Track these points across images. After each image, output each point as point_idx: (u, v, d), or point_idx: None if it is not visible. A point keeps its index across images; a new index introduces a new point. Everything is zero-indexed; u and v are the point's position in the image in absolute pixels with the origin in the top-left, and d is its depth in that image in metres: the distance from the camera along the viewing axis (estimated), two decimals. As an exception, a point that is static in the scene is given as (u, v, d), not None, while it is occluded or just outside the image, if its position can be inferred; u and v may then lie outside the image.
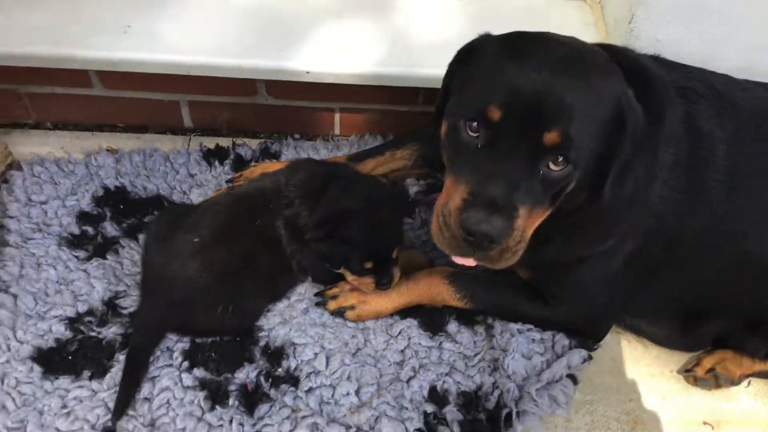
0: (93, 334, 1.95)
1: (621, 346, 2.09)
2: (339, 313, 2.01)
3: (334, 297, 2.03)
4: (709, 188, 1.76)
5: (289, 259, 1.98)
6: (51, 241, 2.13)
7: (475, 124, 1.44)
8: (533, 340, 1.93)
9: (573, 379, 1.87)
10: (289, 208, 1.94)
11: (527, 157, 1.42)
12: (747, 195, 1.76)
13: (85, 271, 2.08)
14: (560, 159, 1.43)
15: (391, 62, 2.21)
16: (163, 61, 2.18)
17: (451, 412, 1.83)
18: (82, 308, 1.99)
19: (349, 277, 1.98)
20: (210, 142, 2.47)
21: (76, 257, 2.11)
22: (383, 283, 1.95)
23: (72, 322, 1.95)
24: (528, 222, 1.48)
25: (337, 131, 2.56)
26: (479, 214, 1.42)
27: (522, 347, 1.89)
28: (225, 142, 2.49)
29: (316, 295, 2.07)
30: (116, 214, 2.24)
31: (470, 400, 1.88)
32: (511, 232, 1.44)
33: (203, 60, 2.18)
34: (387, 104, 2.45)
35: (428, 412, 1.84)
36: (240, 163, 2.41)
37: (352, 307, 2.00)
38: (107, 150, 2.43)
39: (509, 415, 1.80)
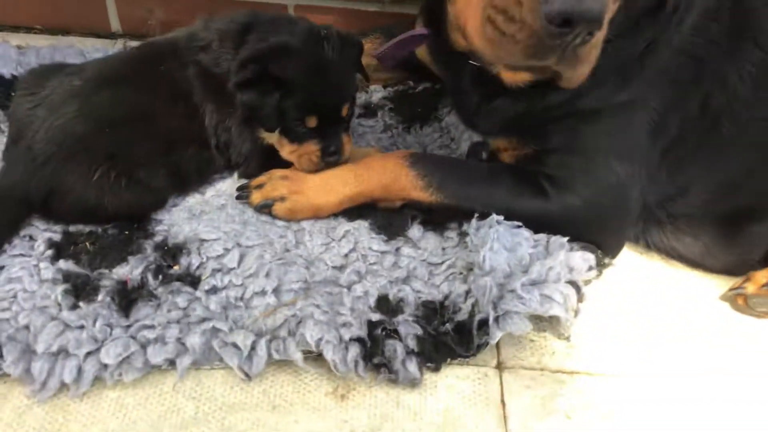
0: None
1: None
2: (265, 206, 1.52)
3: (260, 186, 1.55)
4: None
5: (209, 138, 1.52)
6: None
7: None
8: (518, 232, 1.42)
9: (574, 287, 1.35)
10: (204, 52, 1.49)
11: None
12: None
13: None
14: None
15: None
16: None
17: (406, 324, 1.31)
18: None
19: (286, 148, 1.53)
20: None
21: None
22: (331, 152, 1.51)
23: None
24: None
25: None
26: None
27: (503, 238, 1.38)
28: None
29: (238, 189, 1.58)
30: (3, 100, 1.79)
31: (433, 311, 1.36)
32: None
33: None
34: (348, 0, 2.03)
35: (374, 321, 1.31)
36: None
37: (282, 199, 1.52)
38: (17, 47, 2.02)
39: (484, 321, 1.28)
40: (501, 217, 1.41)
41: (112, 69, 1.53)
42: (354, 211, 1.55)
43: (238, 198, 1.56)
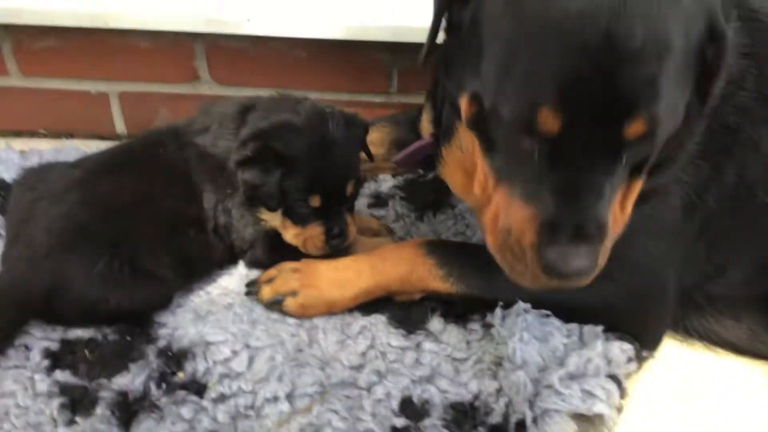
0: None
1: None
2: (276, 302, 1.43)
3: (270, 281, 1.46)
4: None
5: (207, 221, 1.46)
6: None
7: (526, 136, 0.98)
8: (548, 321, 1.32)
9: (616, 381, 1.24)
10: (203, 134, 1.47)
11: (606, 162, 0.97)
12: None
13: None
14: (646, 142, 0.98)
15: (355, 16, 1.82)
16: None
17: (434, 429, 1.19)
18: None
19: (290, 231, 1.47)
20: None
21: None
22: (335, 235, 1.45)
23: None
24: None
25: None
26: (567, 251, 1.00)
27: (533, 328, 1.28)
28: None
29: (247, 285, 1.50)
30: (4, 204, 1.73)
31: (463, 414, 1.24)
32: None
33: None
34: (354, 92, 2.03)
35: (398, 427, 1.20)
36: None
37: (294, 294, 1.42)
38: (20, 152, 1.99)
39: (521, 423, 1.16)
40: (528, 305, 1.32)
41: (112, 157, 1.51)
42: (369, 304, 1.46)
43: (247, 294, 1.47)
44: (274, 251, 1.50)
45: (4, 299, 1.32)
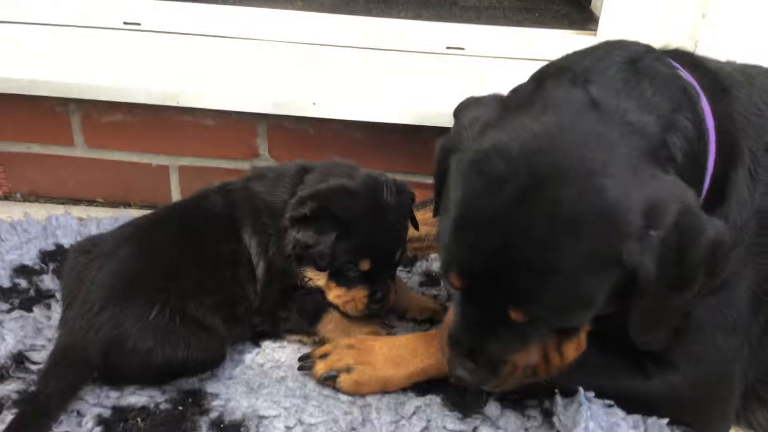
0: (-10, 388, 1.38)
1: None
2: (329, 378, 1.41)
3: (325, 356, 1.44)
4: None
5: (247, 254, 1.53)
6: (-28, 290, 1.67)
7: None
8: (613, 411, 1.27)
9: (681, 478, 1.18)
10: (258, 181, 1.57)
11: (505, 322, 1.12)
12: None
13: (-1, 322, 1.57)
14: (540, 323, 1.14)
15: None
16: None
17: None
18: (-17, 359, 1.44)
19: (333, 292, 1.50)
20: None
21: (-4, 308, 1.62)
22: (377, 299, 1.48)
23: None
24: (549, 353, 1.20)
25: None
26: (453, 361, 1.22)
27: (598, 417, 1.24)
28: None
29: (300, 359, 1.48)
30: (59, 269, 1.77)
31: (524, 505, 1.19)
32: (500, 378, 1.21)
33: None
34: (408, 172, 2.07)
35: None
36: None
37: (348, 370, 1.40)
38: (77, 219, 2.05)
39: None
40: (591, 394, 1.28)
41: (163, 212, 1.58)
42: (423, 384, 1.43)
43: (300, 369, 1.46)
44: (283, 308, 1.54)
45: (62, 360, 1.32)
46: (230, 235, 1.51)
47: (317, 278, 1.51)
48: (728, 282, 1.26)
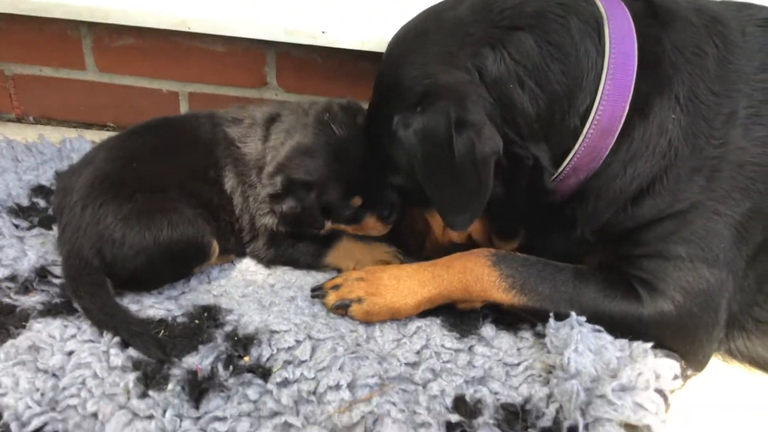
0: (7, 300, 1.47)
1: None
2: (341, 307, 1.49)
3: (336, 287, 1.52)
4: None
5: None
6: (-11, 209, 1.74)
7: None
8: (602, 335, 1.37)
9: (662, 396, 1.28)
10: (235, 125, 1.66)
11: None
12: None
13: (20, 239, 1.66)
14: None
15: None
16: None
17: (486, 428, 1.24)
18: (2, 273, 1.54)
19: (349, 230, 1.61)
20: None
21: (16, 226, 1.72)
22: (387, 216, 1.58)
23: (-17, 286, 1.49)
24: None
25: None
26: None
27: (588, 340, 1.33)
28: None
29: (313, 290, 1.57)
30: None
31: (514, 415, 1.29)
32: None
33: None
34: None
35: (452, 422, 1.25)
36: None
37: (359, 300, 1.47)
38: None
39: (573, 429, 1.21)
40: (582, 318, 1.37)
41: (145, 123, 1.66)
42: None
43: (313, 297, 1.54)
44: (275, 247, 1.63)
45: (68, 273, 1.44)
46: (212, 167, 1.60)
47: (326, 229, 1.61)
48: (714, 213, 1.34)
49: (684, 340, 1.38)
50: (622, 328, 1.36)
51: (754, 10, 1.44)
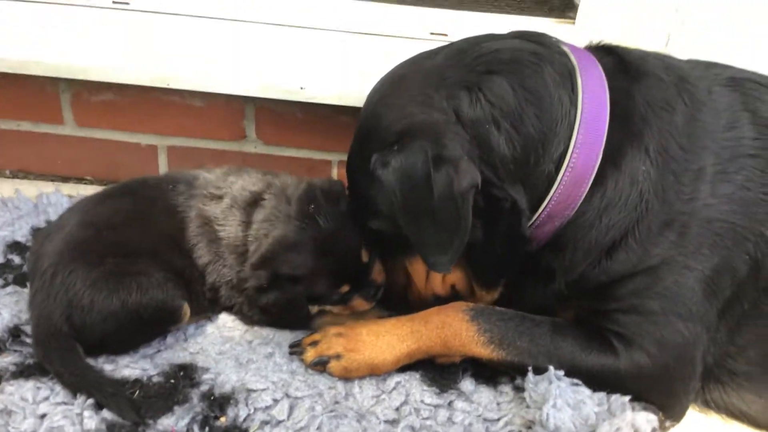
0: (-21, 362, 1.44)
1: None
2: (320, 363, 1.48)
3: (314, 344, 1.51)
4: None
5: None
6: (-37, 264, 1.72)
7: None
8: (580, 390, 1.37)
9: (642, 450, 1.28)
10: (214, 202, 1.61)
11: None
12: None
13: (-8, 297, 1.63)
14: None
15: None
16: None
17: (467, 487, 1.23)
18: (-26, 333, 1.50)
19: (336, 311, 1.59)
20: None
21: (-11, 283, 1.68)
22: (372, 295, 1.55)
23: (-44, 348, 1.46)
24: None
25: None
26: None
27: (566, 395, 1.33)
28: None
29: (291, 346, 1.55)
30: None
31: (495, 473, 1.28)
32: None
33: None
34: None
35: (433, 483, 1.24)
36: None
37: (338, 357, 1.46)
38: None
39: (554, 487, 1.20)
40: (561, 372, 1.37)
41: (119, 186, 1.65)
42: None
43: (291, 354, 1.52)
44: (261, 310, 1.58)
45: (38, 335, 1.42)
46: (183, 239, 1.57)
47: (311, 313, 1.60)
48: (684, 268, 1.37)
49: (661, 393, 1.38)
50: (600, 381, 1.37)
51: (719, 69, 1.49)
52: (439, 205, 1.28)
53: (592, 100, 1.36)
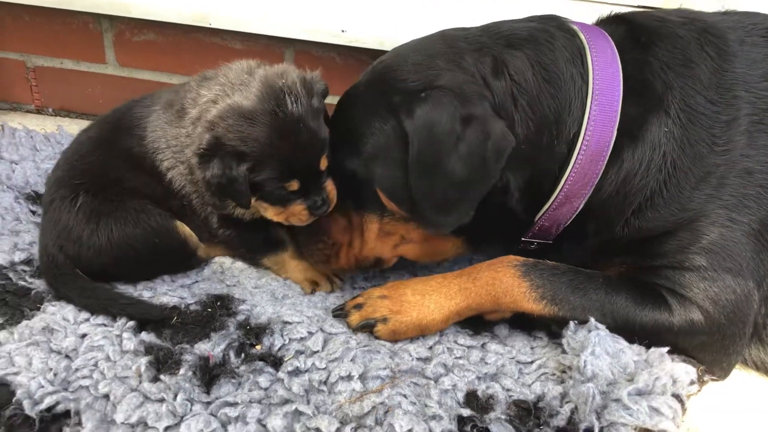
0: (22, 283, 1.48)
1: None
2: (366, 327, 1.43)
3: (358, 307, 1.46)
4: None
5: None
6: (8, 194, 1.78)
7: None
8: (619, 339, 1.34)
9: (679, 401, 1.26)
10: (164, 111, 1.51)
11: None
12: None
13: (37, 225, 1.68)
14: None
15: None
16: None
17: (498, 423, 1.23)
18: (19, 257, 1.56)
19: (270, 211, 1.42)
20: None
21: (32, 212, 1.74)
22: (318, 206, 1.40)
23: (1, 269, 1.51)
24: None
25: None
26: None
27: (605, 343, 1.31)
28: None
29: (334, 310, 1.50)
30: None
31: (526, 412, 1.28)
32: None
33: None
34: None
35: (464, 416, 1.24)
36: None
37: (385, 320, 1.42)
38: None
39: (588, 431, 1.19)
40: (601, 324, 1.35)
41: (101, 117, 1.66)
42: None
43: (335, 317, 1.47)
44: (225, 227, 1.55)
45: (42, 267, 1.49)
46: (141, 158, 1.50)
47: (250, 211, 1.47)
48: (730, 222, 1.34)
49: (711, 351, 1.36)
50: (653, 337, 1.34)
51: (759, 19, 1.44)
52: (462, 163, 1.27)
53: (604, 77, 1.35)
